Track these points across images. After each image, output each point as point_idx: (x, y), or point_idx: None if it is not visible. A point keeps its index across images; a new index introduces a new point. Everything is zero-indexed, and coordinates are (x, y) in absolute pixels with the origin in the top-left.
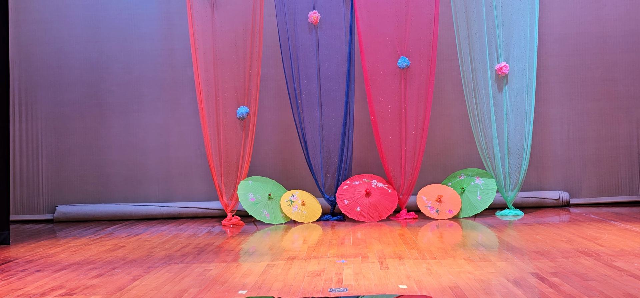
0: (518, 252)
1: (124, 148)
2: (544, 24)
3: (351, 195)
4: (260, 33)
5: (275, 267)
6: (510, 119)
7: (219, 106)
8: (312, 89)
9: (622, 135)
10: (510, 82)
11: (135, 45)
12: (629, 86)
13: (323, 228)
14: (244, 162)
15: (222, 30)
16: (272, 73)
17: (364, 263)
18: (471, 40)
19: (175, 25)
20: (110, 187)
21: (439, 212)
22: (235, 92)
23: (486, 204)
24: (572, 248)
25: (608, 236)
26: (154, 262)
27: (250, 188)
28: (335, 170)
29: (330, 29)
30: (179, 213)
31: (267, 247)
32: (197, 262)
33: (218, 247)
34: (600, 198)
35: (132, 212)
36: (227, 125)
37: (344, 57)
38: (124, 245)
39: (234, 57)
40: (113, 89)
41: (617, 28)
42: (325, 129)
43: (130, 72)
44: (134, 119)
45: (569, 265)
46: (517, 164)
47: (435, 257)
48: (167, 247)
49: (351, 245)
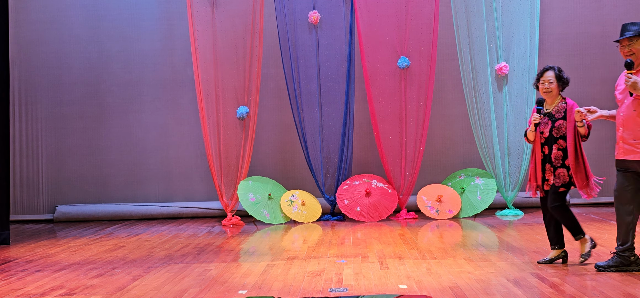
0: (518, 252)
1: (124, 148)
2: (544, 23)
3: (351, 195)
4: (260, 33)
5: (275, 267)
6: (510, 118)
7: (219, 106)
8: (312, 89)
9: None
10: (510, 82)
11: (135, 45)
12: None
13: (323, 228)
14: (244, 162)
15: (222, 30)
16: (272, 73)
17: (364, 263)
18: (471, 40)
19: (175, 25)
20: (110, 187)
21: (439, 212)
22: (235, 92)
23: (486, 204)
24: (572, 248)
25: (607, 235)
26: (154, 262)
27: (250, 188)
28: (335, 170)
29: (330, 29)
30: (179, 213)
31: (267, 247)
32: (197, 262)
33: (218, 247)
34: (600, 198)
35: (132, 212)
36: (227, 125)
37: (344, 57)
38: (124, 245)
39: (233, 57)
40: (113, 89)
41: (617, 28)
42: (325, 129)
43: (130, 72)
44: (134, 119)
45: (569, 265)
46: (517, 164)
47: (435, 257)
48: (167, 247)
49: (351, 245)
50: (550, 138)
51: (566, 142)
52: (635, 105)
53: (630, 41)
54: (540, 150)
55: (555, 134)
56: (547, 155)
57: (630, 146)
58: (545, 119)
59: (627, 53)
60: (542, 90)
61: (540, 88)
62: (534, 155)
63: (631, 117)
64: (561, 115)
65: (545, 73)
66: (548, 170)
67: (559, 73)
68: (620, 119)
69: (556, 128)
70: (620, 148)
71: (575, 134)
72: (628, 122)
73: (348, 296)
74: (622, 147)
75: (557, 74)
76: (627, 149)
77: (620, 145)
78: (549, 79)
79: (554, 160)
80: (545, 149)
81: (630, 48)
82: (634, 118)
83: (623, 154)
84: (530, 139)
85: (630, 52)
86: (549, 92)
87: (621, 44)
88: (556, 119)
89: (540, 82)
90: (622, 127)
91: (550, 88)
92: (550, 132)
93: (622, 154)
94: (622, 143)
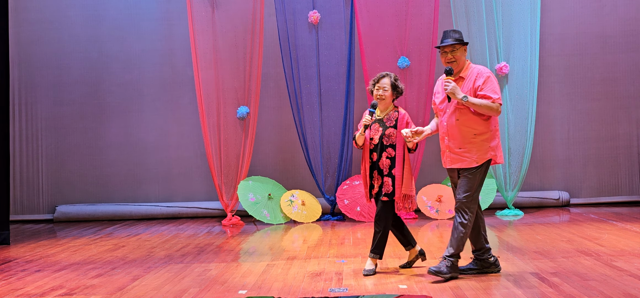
0: (518, 252)
1: (124, 148)
2: (544, 23)
3: (351, 195)
4: (260, 33)
5: (275, 267)
6: (510, 118)
7: (219, 106)
8: (312, 89)
9: (622, 135)
10: (510, 82)
11: (135, 45)
12: (628, 86)
13: (323, 228)
14: (243, 161)
15: (222, 30)
16: (272, 73)
17: (364, 263)
18: (471, 39)
19: (175, 25)
20: (110, 187)
21: (439, 212)
22: (235, 92)
23: (486, 204)
24: (572, 248)
25: (608, 236)
26: (154, 262)
27: (250, 188)
28: (335, 170)
29: (330, 28)
30: (179, 213)
31: (267, 247)
32: (197, 262)
33: (218, 247)
34: (600, 198)
35: (132, 212)
36: (227, 125)
37: (344, 57)
38: (124, 245)
39: (234, 56)
40: (113, 89)
41: (617, 28)
42: (325, 129)
43: (130, 72)
44: (134, 118)
45: (569, 265)
46: (518, 164)
47: (435, 256)
48: (167, 247)
49: (351, 245)
50: (379, 145)
51: (395, 151)
52: (457, 114)
53: (452, 48)
54: (369, 156)
55: (385, 141)
56: (376, 162)
57: (457, 155)
58: (376, 125)
59: (449, 59)
60: (376, 96)
61: (375, 94)
62: (364, 160)
63: (454, 125)
64: (392, 123)
65: (381, 79)
66: (375, 177)
67: (394, 81)
68: (444, 128)
69: (386, 136)
70: (447, 157)
71: (404, 146)
72: (452, 131)
73: (348, 296)
74: (449, 156)
75: (392, 82)
76: (454, 158)
77: (447, 154)
78: (384, 86)
79: (381, 167)
80: (374, 155)
81: (452, 54)
82: (457, 126)
83: (450, 163)
84: (359, 143)
85: (453, 59)
86: (383, 100)
87: (443, 51)
88: (387, 126)
89: (375, 87)
90: (448, 136)
91: (384, 95)
92: (380, 139)
93: (450, 163)
94: (448, 152)
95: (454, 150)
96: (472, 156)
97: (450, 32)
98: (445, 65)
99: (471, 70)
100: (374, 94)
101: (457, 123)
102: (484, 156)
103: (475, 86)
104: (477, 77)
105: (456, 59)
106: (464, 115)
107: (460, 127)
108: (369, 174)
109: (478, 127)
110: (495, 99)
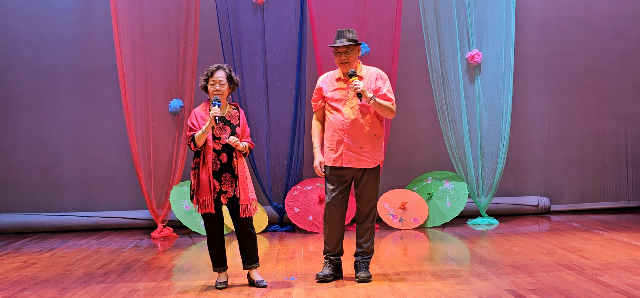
0: (492, 266)
1: (35, 148)
2: (521, 6)
3: (302, 202)
4: (196, 14)
5: (214, 287)
6: (483, 114)
7: (148, 99)
8: (257, 79)
9: (608, 133)
10: (483, 72)
11: (47, 27)
12: (615, 78)
13: (270, 240)
14: (177, 164)
15: (150, 10)
16: (211, 60)
17: (317, 281)
18: (439, 23)
19: (95, 4)
20: (19, 194)
21: (403, 221)
22: (167, 82)
23: (456, 212)
24: (553, 261)
25: (593, 247)
26: (71, 282)
27: (185, 195)
28: (283, 173)
29: (278, 9)
30: (101, 224)
31: (205, 263)
32: (122, 281)
33: (147, 264)
34: (584, 205)
35: (44, 223)
36: (158, 121)
37: (294, 42)
38: (35, 262)
39: (165, 41)
40: (21, 78)
41: (603, 12)
42: (272, 126)
43: (42, 58)
44: (47, 113)
45: (550, 280)
46: (492, 166)
47: (398, 272)
48: (86, 264)
49: (302, 259)
50: (227, 145)
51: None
52: (359, 113)
53: (347, 49)
54: (217, 157)
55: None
56: (226, 163)
57: (356, 154)
58: (221, 124)
59: (343, 60)
60: (213, 91)
61: (210, 89)
62: (206, 163)
63: (357, 124)
64: (236, 122)
65: (215, 73)
66: (227, 180)
67: (229, 73)
68: (345, 125)
69: (238, 135)
70: (344, 156)
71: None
72: (354, 130)
73: None
74: (347, 155)
75: (228, 74)
76: (353, 157)
77: (344, 152)
78: (221, 79)
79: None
80: (223, 156)
81: (347, 56)
82: (361, 126)
83: (348, 162)
84: (200, 143)
85: (346, 60)
86: (221, 94)
87: (337, 51)
88: (233, 125)
89: (209, 82)
90: (347, 135)
91: (222, 90)
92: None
93: (348, 162)
94: (346, 150)
95: (355, 149)
96: (371, 156)
97: (345, 32)
98: (338, 65)
99: (367, 70)
100: (208, 90)
101: (359, 122)
102: (379, 157)
103: (376, 87)
104: (378, 78)
105: (350, 60)
106: (366, 115)
107: (364, 126)
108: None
109: (376, 127)
110: (394, 102)
